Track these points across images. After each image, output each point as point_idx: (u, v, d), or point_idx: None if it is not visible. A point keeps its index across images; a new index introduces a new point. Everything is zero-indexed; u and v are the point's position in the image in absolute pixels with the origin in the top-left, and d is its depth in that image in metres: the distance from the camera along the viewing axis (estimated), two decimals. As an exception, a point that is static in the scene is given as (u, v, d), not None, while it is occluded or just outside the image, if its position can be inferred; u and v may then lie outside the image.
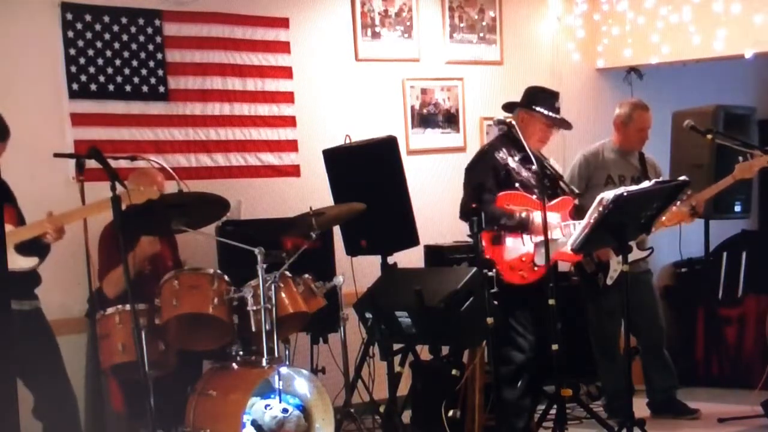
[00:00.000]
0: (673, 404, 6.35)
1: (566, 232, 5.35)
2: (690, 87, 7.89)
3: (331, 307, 5.51)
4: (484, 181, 5.34)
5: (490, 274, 4.97)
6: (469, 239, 5.42)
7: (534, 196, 5.31)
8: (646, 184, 5.24)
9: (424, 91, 7.12)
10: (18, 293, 4.63)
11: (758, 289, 7.17)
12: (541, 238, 5.10)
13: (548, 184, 5.17)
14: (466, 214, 5.35)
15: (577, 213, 5.48)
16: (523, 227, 5.29)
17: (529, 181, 5.38)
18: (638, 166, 6.24)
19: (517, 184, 5.37)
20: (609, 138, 6.34)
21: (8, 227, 4.57)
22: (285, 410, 5.10)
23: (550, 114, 5.48)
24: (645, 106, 6.26)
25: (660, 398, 6.35)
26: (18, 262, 4.56)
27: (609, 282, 5.90)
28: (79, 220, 4.86)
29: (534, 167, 5.19)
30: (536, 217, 5.24)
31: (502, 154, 5.42)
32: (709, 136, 6.25)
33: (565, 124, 5.59)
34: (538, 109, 5.45)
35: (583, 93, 7.83)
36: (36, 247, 4.67)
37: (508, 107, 5.56)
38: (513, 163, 5.41)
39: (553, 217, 5.32)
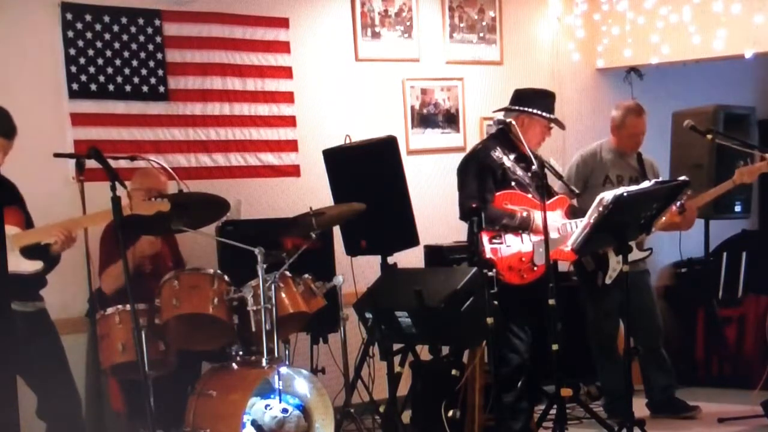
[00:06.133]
0: (672, 403, 6.35)
1: (563, 230, 5.36)
2: (690, 87, 7.89)
3: (331, 307, 5.50)
4: (480, 181, 5.34)
5: (490, 274, 4.97)
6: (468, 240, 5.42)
7: (530, 195, 5.33)
8: (645, 184, 5.24)
9: (424, 91, 7.12)
10: (22, 295, 4.61)
11: (758, 289, 7.16)
12: (540, 237, 5.11)
13: (540, 184, 5.17)
14: (466, 214, 5.35)
15: (575, 214, 5.49)
16: (524, 227, 5.29)
17: (523, 179, 5.39)
18: (636, 167, 6.22)
19: (513, 183, 5.37)
20: (607, 138, 6.33)
21: (15, 229, 4.56)
22: (285, 410, 5.09)
23: (551, 116, 5.49)
24: (639, 111, 6.19)
25: (659, 398, 6.34)
26: (22, 266, 4.53)
27: (608, 281, 5.88)
28: (95, 225, 4.86)
29: (534, 167, 5.19)
30: (537, 217, 5.25)
31: (497, 153, 5.42)
32: (709, 136, 6.24)
33: (561, 124, 5.60)
34: (539, 112, 5.45)
35: (583, 93, 7.83)
36: (42, 251, 4.64)
37: (506, 111, 5.55)
38: (508, 162, 5.41)
39: (555, 217, 5.32)
